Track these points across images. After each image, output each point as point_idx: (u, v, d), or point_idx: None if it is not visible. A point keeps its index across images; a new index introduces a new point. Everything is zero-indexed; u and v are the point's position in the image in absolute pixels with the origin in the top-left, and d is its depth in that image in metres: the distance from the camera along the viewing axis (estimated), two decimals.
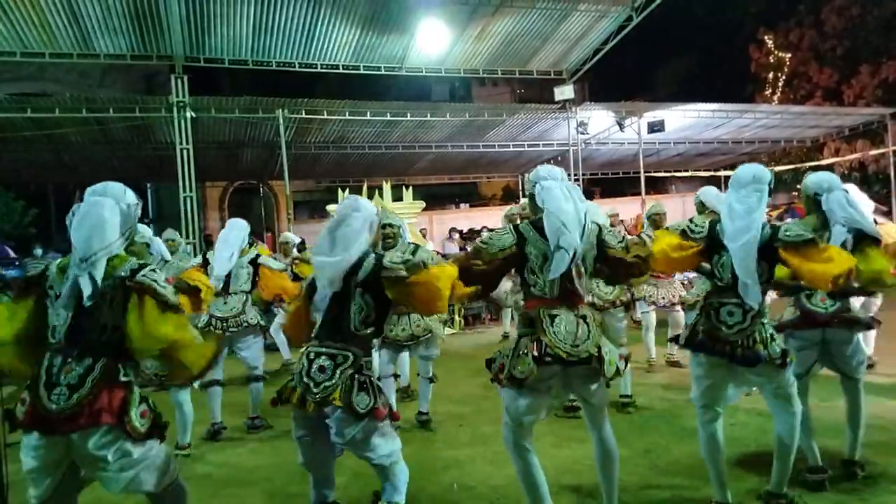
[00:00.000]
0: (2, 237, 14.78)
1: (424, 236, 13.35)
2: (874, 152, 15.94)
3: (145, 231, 4.23)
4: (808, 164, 17.68)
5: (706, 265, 3.15)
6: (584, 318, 2.76)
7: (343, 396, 2.58)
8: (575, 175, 13.21)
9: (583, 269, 2.80)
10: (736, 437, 4.08)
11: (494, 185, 24.52)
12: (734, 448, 3.82)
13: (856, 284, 3.08)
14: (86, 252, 2.33)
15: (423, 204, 10.28)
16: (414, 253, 2.88)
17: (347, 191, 9.83)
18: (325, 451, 2.84)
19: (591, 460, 3.76)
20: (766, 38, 19.60)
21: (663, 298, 6.17)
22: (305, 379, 2.64)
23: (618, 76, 21.79)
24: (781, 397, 3.01)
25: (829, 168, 17.53)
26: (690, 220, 3.19)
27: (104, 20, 9.02)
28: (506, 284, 5.71)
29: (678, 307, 6.17)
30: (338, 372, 2.62)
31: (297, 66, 10.88)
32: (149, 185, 20.46)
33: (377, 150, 14.09)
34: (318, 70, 11.12)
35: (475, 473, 3.87)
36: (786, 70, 19.27)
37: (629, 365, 3.28)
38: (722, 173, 17.49)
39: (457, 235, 16.15)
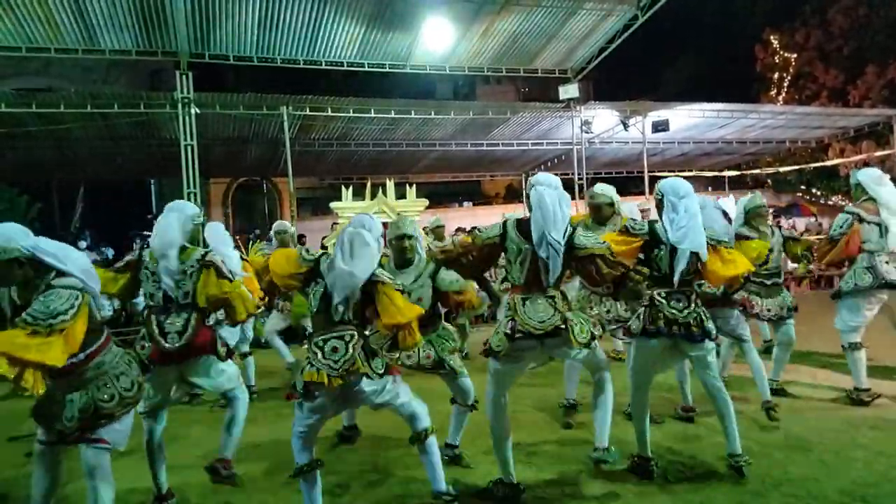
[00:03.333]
0: None
1: (427, 234, 13.36)
2: (880, 153, 15.87)
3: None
4: (812, 165, 17.63)
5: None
6: (552, 299, 3.29)
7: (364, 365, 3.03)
8: (578, 174, 13.19)
9: (551, 266, 3.25)
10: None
11: (498, 183, 24.48)
12: None
13: None
14: (160, 249, 3.54)
15: (426, 202, 10.28)
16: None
17: (351, 188, 9.88)
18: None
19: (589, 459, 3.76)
20: (771, 38, 19.52)
21: (769, 310, 5.08)
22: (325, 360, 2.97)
23: (622, 75, 21.74)
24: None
25: (835, 169, 17.49)
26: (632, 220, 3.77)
27: (109, 16, 9.02)
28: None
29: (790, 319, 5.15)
30: (350, 348, 2.99)
31: (301, 62, 10.87)
32: (152, 181, 20.51)
33: (381, 147, 14.09)
34: (323, 67, 11.12)
35: (475, 471, 3.88)
36: (791, 70, 19.19)
37: None
38: (727, 173, 17.47)
39: (461, 235, 16.15)
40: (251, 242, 8.18)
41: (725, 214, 4.56)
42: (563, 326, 3.21)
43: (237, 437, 3.90)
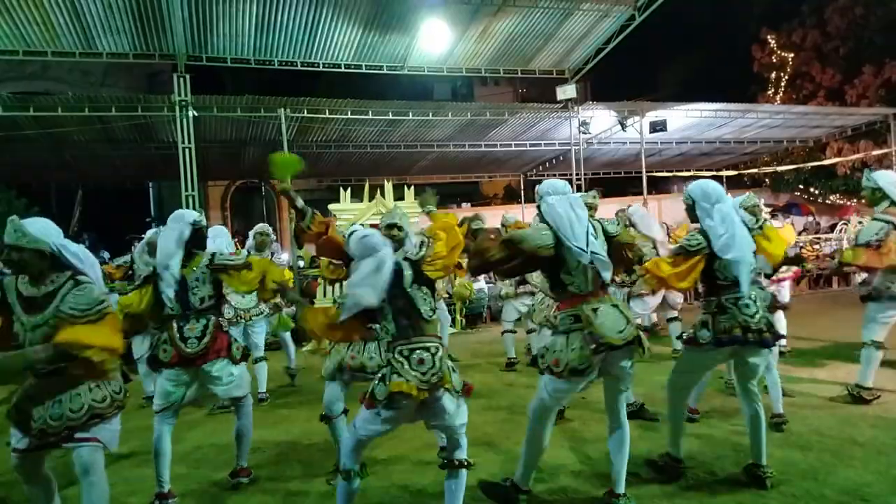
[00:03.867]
0: (4, 236, 14.79)
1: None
2: (877, 152, 15.88)
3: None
4: (810, 164, 17.64)
5: None
6: (616, 306, 3.17)
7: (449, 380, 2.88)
8: (577, 175, 13.20)
9: (603, 268, 3.15)
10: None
11: (496, 184, 24.48)
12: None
13: None
14: (162, 262, 3.63)
15: None
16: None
17: (349, 190, 9.85)
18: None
19: (588, 460, 3.77)
20: (768, 37, 19.52)
21: None
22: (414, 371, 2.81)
23: (620, 76, 21.71)
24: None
25: (833, 168, 17.48)
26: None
27: (106, 19, 9.03)
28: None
29: None
30: (436, 361, 2.86)
31: (299, 65, 10.88)
32: (150, 183, 20.49)
33: (379, 149, 14.09)
34: (321, 69, 11.12)
35: (477, 473, 3.87)
36: (788, 70, 19.19)
37: None
38: (724, 173, 17.48)
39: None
40: None
41: None
42: (637, 336, 3.11)
43: (248, 444, 4.03)
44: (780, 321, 5.13)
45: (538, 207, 3.33)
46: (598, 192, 5.02)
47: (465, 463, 3.01)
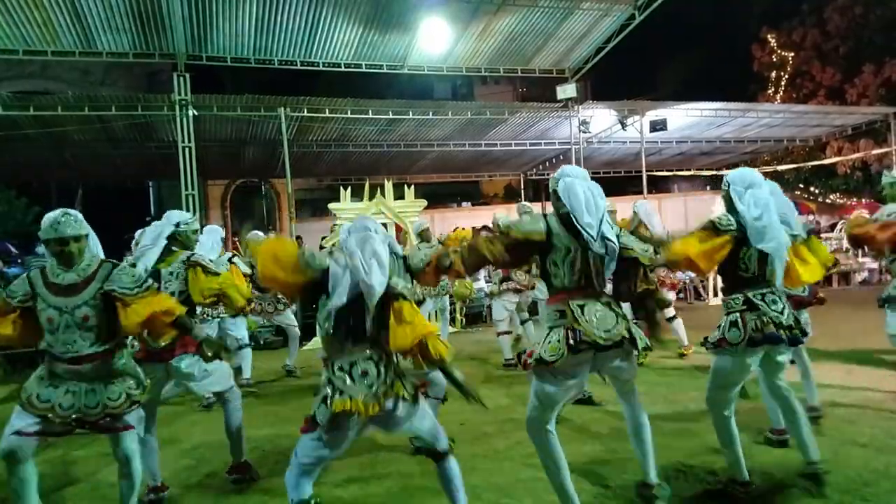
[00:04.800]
0: (4, 235, 14.79)
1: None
2: (877, 151, 15.89)
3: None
4: (810, 164, 17.65)
5: None
6: (608, 304, 2.99)
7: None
8: None
9: (600, 265, 3.00)
10: None
11: (496, 183, 24.47)
12: None
13: None
14: (137, 253, 3.82)
15: (424, 202, 10.28)
16: None
17: (349, 189, 9.87)
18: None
19: (608, 454, 3.77)
20: (769, 37, 19.54)
21: None
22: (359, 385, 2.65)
23: (620, 75, 21.71)
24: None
25: (832, 167, 17.49)
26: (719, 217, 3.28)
27: (106, 18, 9.03)
28: None
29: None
30: (383, 369, 2.72)
31: (299, 64, 10.88)
32: (151, 183, 20.48)
33: (379, 148, 14.09)
34: (320, 69, 11.13)
35: (477, 472, 3.87)
36: (789, 69, 19.20)
37: None
38: (724, 173, 17.48)
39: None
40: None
41: None
42: (627, 336, 2.93)
43: (243, 437, 3.97)
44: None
45: (553, 191, 3.11)
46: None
47: (446, 451, 2.86)
